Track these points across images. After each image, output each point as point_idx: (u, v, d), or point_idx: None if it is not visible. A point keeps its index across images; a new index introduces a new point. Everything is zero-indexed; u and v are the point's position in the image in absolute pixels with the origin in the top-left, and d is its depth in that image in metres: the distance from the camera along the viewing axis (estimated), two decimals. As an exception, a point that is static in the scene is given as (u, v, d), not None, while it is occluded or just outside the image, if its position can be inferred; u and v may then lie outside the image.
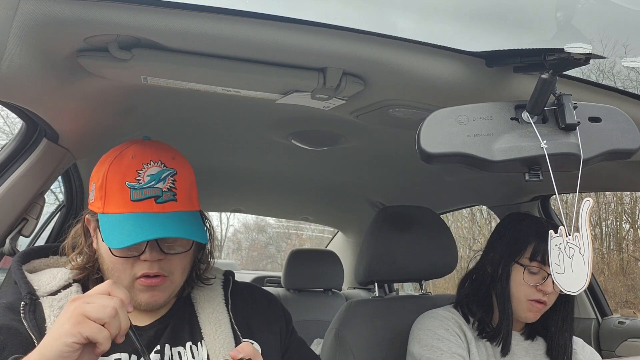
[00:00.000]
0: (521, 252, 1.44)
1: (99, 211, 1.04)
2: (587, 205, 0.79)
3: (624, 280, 10.51)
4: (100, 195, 1.04)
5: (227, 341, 1.09)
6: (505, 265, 1.45)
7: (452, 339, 1.43)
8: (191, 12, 0.79)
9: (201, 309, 1.14)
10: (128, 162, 1.06)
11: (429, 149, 0.82)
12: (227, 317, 1.14)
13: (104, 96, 1.20)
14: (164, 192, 1.04)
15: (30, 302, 1.01)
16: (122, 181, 1.03)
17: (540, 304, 1.42)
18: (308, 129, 1.61)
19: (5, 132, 3.03)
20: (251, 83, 1.02)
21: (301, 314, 3.07)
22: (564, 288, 0.81)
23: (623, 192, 9.17)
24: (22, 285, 1.04)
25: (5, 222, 1.40)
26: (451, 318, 1.49)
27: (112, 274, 1.06)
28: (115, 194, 1.03)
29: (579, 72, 0.95)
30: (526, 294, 1.42)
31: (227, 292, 1.19)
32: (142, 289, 1.05)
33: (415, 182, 2.34)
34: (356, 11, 0.82)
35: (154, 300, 1.07)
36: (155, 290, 1.06)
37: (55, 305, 1.02)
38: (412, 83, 0.98)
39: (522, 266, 1.42)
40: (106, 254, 1.05)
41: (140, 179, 1.04)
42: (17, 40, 0.83)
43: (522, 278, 1.42)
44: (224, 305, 1.15)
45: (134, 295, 1.05)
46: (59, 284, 1.07)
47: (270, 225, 19.73)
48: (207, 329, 1.10)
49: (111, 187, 1.04)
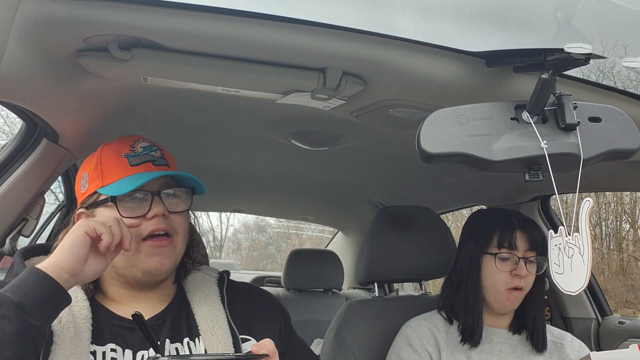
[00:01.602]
0: (489, 242, 1.46)
1: (98, 187, 1.08)
2: (587, 205, 0.79)
3: (624, 280, 10.51)
4: (97, 174, 1.10)
5: (224, 337, 1.10)
6: (475, 259, 1.47)
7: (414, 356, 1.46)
8: (191, 12, 0.79)
9: (197, 306, 1.14)
10: (119, 141, 1.14)
11: (429, 149, 0.82)
12: (224, 313, 1.14)
13: (104, 96, 1.20)
14: (157, 159, 1.12)
15: None
16: (118, 153, 1.10)
17: (517, 290, 1.43)
18: (308, 129, 1.61)
19: (5, 132, 3.03)
20: (251, 83, 1.02)
21: (301, 314, 3.07)
22: (564, 288, 0.81)
23: (623, 192, 9.17)
24: None
25: (5, 222, 1.40)
26: (425, 327, 1.50)
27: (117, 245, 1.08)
28: (112, 166, 1.09)
29: (579, 72, 0.95)
30: (503, 282, 1.43)
31: (222, 289, 1.19)
32: (150, 252, 1.07)
33: (415, 182, 2.34)
34: (356, 11, 0.82)
35: (161, 265, 1.08)
36: (161, 255, 1.08)
37: None
38: (412, 83, 0.98)
39: (492, 255, 1.45)
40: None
41: (134, 150, 1.12)
42: (17, 40, 0.83)
43: (494, 267, 1.44)
44: (220, 302, 1.16)
45: (141, 262, 1.07)
46: None
47: (270, 225, 19.73)
48: (203, 325, 1.11)
49: (107, 161, 1.10)
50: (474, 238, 1.52)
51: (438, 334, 1.49)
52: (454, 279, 1.56)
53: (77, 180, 1.17)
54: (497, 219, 1.50)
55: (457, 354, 1.46)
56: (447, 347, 1.47)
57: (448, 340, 1.48)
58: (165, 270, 1.11)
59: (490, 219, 1.52)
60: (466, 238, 1.55)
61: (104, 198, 1.08)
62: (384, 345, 1.59)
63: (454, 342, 1.48)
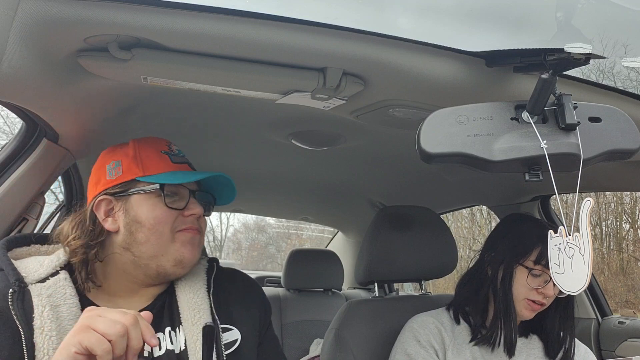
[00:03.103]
0: (526, 255, 1.43)
1: (138, 175, 1.10)
2: (587, 205, 0.79)
3: (624, 280, 10.51)
4: (136, 164, 1.11)
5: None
6: (508, 267, 1.44)
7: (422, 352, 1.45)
8: (191, 12, 0.79)
9: (182, 294, 1.12)
10: (151, 139, 1.17)
11: (429, 149, 0.82)
12: (207, 302, 1.12)
13: (104, 96, 1.20)
14: (190, 163, 1.19)
15: (19, 289, 0.98)
16: (158, 150, 1.14)
17: (537, 304, 1.42)
18: (308, 129, 1.61)
19: (5, 132, 3.03)
20: (251, 83, 1.02)
21: (301, 314, 3.07)
22: (564, 288, 0.81)
23: (623, 192, 9.17)
24: (10, 272, 1.00)
25: (5, 222, 1.40)
26: (432, 323, 1.49)
27: (152, 233, 1.08)
28: (154, 159, 1.12)
29: (579, 72, 0.95)
30: (525, 294, 1.42)
31: (210, 277, 1.18)
32: (186, 240, 1.10)
33: (415, 182, 2.34)
34: (356, 11, 0.82)
35: (193, 256, 1.12)
36: (194, 245, 1.12)
37: (44, 294, 0.99)
38: (412, 83, 0.98)
39: (526, 269, 1.42)
40: (147, 213, 1.08)
41: (171, 150, 1.17)
42: (17, 40, 0.83)
43: (525, 280, 1.41)
44: (206, 290, 1.14)
45: (175, 251, 1.09)
46: (47, 272, 1.04)
47: (270, 225, 19.74)
48: (185, 314, 1.09)
49: (147, 155, 1.13)
50: (509, 244, 1.47)
51: (444, 332, 1.48)
52: (474, 279, 1.53)
53: (98, 168, 1.15)
54: (538, 231, 1.44)
55: (462, 354, 1.46)
56: (452, 345, 1.47)
57: (454, 339, 1.48)
58: (194, 263, 1.14)
59: (534, 231, 1.45)
60: (498, 241, 1.51)
61: (146, 185, 1.10)
62: (384, 345, 1.59)
63: (460, 342, 1.48)
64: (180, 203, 1.11)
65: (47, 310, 0.97)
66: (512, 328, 1.43)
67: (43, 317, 0.96)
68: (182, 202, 1.11)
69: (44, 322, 0.95)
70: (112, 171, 1.12)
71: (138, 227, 1.08)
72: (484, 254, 1.54)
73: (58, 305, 0.99)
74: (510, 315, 1.43)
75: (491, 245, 1.53)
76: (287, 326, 3.00)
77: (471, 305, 1.52)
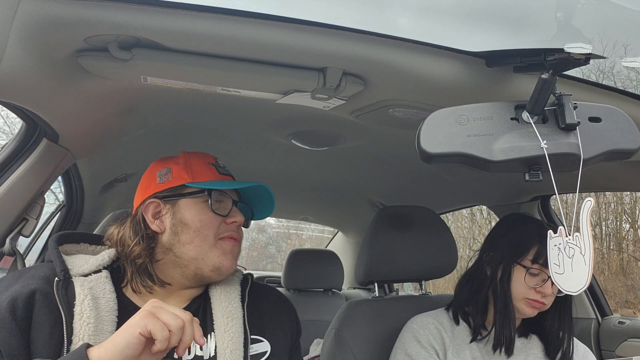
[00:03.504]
0: (524, 254, 1.43)
1: (187, 181, 1.17)
2: (588, 205, 0.79)
3: (624, 280, 10.51)
4: (186, 171, 1.19)
5: (236, 335, 1.11)
6: (506, 267, 1.45)
7: (423, 353, 1.45)
8: (191, 12, 0.79)
9: (217, 302, 1.17)
10: (201, 153, 1.26)
11: (429, 149, 0.82)
12: (241, 312, 1.16)
13: (104, 96, 1.20)
14: (233, 177, 1.27)
15: (63, 278, 1.06)
16: (206, 162, 1.23)
17: (537, 303, 1.42)
18: (308, 129, 1.61)
19: (5, 132, 3.03)
20: (251, 83, 1.02)
21: (301, 314, 3.04)
22: (564, 288, 0.81)
23: (623, 192, 9.17)
24: (58, 264, 1.08)
25: (5, 222, 1.40)
26: (432, 324, 1.49)
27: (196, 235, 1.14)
28: (203, 169, 1.20)
29: (579, 72, 0.95)
30: (524, 293, 1.42)
31: (245, 290, 1.22)
32: (227, 250, 1.17)
33: (415, 182, 2.34)
34: (356, 11, 0.82)
35: (232, 265, 1.18)
36: (233, 255, 1.18)
37: (86, 285, 1.06)
38: (412, 83, 0.98)
39: (524, 267, 1.43)
40: (193, 216, 1.15)
41: (217, 163, 1.25)
42: (17, 40, 0.83)
43: (523, 279, 1.42)
44: (239, 301, 1.18)
45: (216, 257, 1.15)
46: (91, 269, 1.11)
47: (270, 225, 19.71)
48: (219, 321, 1.13)
49: (197, 165, 1.20)
50: (508, 243, 1.48)
51: (444, 333, 1.49)
52: (474, 279, 1.53)
53: (149, 174, 1.23)
54: (537, 231, 1.45)
55: (462, 354, 1.46)
56: (452, 346, 1.47)
57: (454, 339, 1.48)
58: (231, 272, 1.19)
59: (532, 231, 1.47)
60: (498, 241, 1.52)
61: (194, 190, 1.17)
62: (384, 345, 1.59)
63: (460, 342, 1.48)
64: (224, 210, 1.18)
65: (88, 299, 1.03)
66: (511, 328, 1.43)
67: (84, 305, 1.02)
68: (226, 210, 1.18)
69: (83, 310, 1.02)
70: (163, 177, 1.20)
71: (184, 229, 1.15)
72: (482, 253, 1.54)
73: (98, 297, 1.06)
74: (509, 314, 1.43)
75: (490, 245, 1.54)
76: (287, 326, 3.00)
77: (471, 306, 1.52)
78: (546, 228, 1.46)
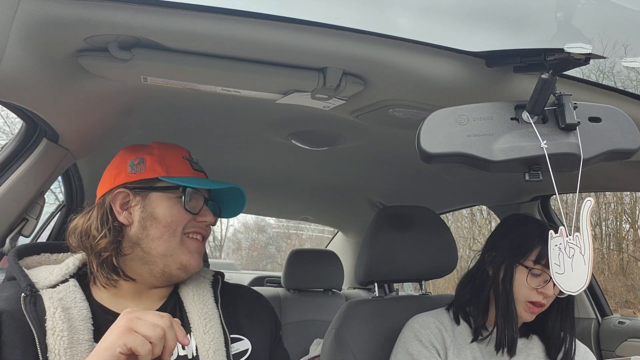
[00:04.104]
0: (526, 255, 1.43)
1: (161, 175, 1.14)
2: (588, 205, 0.79)
3: (624, 280, 10.52)
4: (160, 164, 1.16)
5: (216, 336, 1.10)
6: (508, 267, 1.45)
7: (424, 352, 1.45)
8: (191, 12, 0.79)
9: (190, 304, 1.15)
10: (172, 145, 1.22)
11: (429, 149, 0.82)
12: (217, 313, 1.14)
13: (104, 96, 1.20)
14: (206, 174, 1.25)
15: (30, 293, 1.01)
16: (180, 156, 1.20)
17: (537, 307, 1.42)
18: (308, 129, 1.61)
19: (5, 132, 3.03)
20: (251, 83, 1.02)
21: (301, 314, 3.07)
22: (564, 288, 0.81)
23: (623, 192, 9.17)
24: (21, 279, 1.04)
25: (5, 222, 1.40)
26: (432, 323, 1.49)
27: (166, 230, 1.11)
28: (177, 163, 1.18)
29: (579, 72, 0.95)
30: (526, 295, 1.42)
31: (217, 290, 1.20)
32: (194, 249, 1.15)
33: (415, 182, 2.34)
34: (356, 11, 0.82)
35: (198, 265, 1.16)
36: (199, 255, 1.17)
37: (55, 297, 1.02)
38: (412, 83, 0.98)
39: (526, 268, 1.42)
40: (165, 211, 1.12)
41: (191, 158, 1.22)
42: (17, 40, 0.83)
43: (524, 280, 1.42)
44: (214, 302, 1.17)
45: (183, 255, 1.13)
46: (57, 279, 1.08)
47: (270, 225, 19.74)
48: (196, 323, 1.11)
49: (171, 158, 1.18)
50: (510, 244, 1.48)
51: (445, 332, 1.49)
52: (475, 279, 1.53)
53: (119, 162, 1.18)
54: (539, 232, 1.45)
55: (463, 354, 1.46)
56: (453, 346, 1.47)
57: (455, 339, 1.48)
58: (197, 270, 1.17)
59: (534, 231, 1.46)
60: (500, 241, 1.52)
61: (168, 185, 1.14)
62: (384, 345, 1.59)
63: (460, 342, 1.48)
64: (196, 208, 1.16)
65: (58, 311, 1.00)
66: (513, 328, 1.43)
67: (55, 318, 0.99)
68: (197, 208, 1.16)
69: (55, 323, 0.98)
70: (135, 167, 1.16)
71: (153, 223, 1.12)
72: (484, 254, 1.54)
73: (69, 307, 1.02)
74: (511, 315, 1.43)
75: (492, 246, 1.53)
76: (287, 326, 3.00)
77: (473, 306, 1.52)
78: (548, 228, 1.46)
